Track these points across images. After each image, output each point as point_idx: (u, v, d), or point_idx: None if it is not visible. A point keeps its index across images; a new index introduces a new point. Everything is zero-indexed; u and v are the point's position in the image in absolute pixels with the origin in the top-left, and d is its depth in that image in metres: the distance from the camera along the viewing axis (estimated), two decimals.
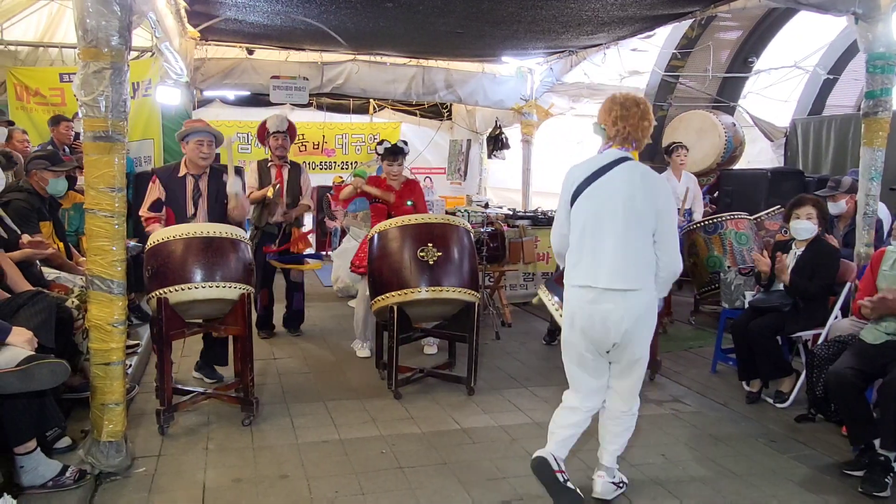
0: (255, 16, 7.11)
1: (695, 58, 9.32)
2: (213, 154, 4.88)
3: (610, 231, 3.17)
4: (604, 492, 3.44)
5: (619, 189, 3.18)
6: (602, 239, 3.18)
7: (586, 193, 3.23)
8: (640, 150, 3.34)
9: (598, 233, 3.19)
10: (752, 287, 5.45)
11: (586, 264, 3.22)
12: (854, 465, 3.80)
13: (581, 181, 3.25)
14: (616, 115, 3.26)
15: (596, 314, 3.20)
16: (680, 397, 5.03)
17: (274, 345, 6.16)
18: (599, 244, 3.19)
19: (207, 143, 4.80)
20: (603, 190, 3.20)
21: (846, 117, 8.90)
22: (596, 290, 3.19)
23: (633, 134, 3.26)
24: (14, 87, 8.14)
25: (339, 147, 12.35)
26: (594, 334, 3.24)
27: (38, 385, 3.03)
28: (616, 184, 3.19)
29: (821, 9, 5.15)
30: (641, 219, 3.17)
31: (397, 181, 5.70)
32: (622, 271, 3.16)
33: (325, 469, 3.74)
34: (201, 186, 4.87)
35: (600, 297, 3.18)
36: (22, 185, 4.97)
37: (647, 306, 3.22)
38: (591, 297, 3.20)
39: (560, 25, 7.24)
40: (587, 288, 3.22)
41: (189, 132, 4.81)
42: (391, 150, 5.63)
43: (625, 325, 3.17)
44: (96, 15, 3.25)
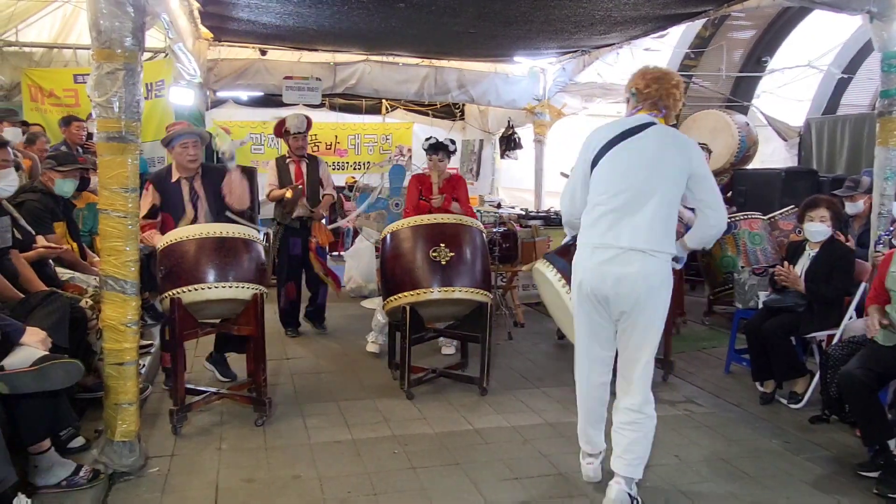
0: (268, 16, 7.13)
1: (708, 57, 9.29)
2: (200, 154, 4.84)
3: (636, 192, 3.15)
4: (617, 498, 3.26)
5: (649, 151, 3.16)
6: (628, 200, 3.15)
7: (611, 155, 3.21)
8: (668, 120, 3.31)
9: (624, 194, 3.16)
10: (765, 287, 5.41)
11: (607, 223, 3.18)
12: (869, 466, 3.76)
13: (605, 142, 3.23)
14: (650, 78, 3.29)
15: (609, 275, 3.16)
16: (693, 398, 5.01)
17: (286, 345, 6.18)
18: (625, 205, 3.16)
19: (193, 144, 4.75)
20: (631, 152, 3.18)
21: (860, 117, 8.83)
22: (616, 249, 3.15)
23: (663, 99, 3.26)
24: (29, 88, 8.21)
25: (352, 147, 12.37)
26: (604, 295, 3.21)
27: (52, 385, 3.05)
28: (646, 146, 3.17)
29: (835, 7, 5.11)
30: (670, 183, 3.16)
31: (438, 175, 5.89)
32: (647, 233, 3.13)
33: (337, 469, 3.75)
34: (196, 187, 4.82)
35: (619, 257, 3.14)
36: (36, 185, 5.01)
37: (664, 273, 3.19)
38: (609, 257, 3.16)
39: (573, 25, 7.21)
40: (605, 247, 3.18)
41: (172, 137, 4.76)
42: (433, 146, 5.87)
43: (639, 288, 3.14)
44: (110, 16, 3.27)
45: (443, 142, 5.92)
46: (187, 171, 4.81)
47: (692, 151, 3.22)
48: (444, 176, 5.93)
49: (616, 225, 3.17)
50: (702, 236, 3.34)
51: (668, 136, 3.21)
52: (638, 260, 3.13)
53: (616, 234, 3.16)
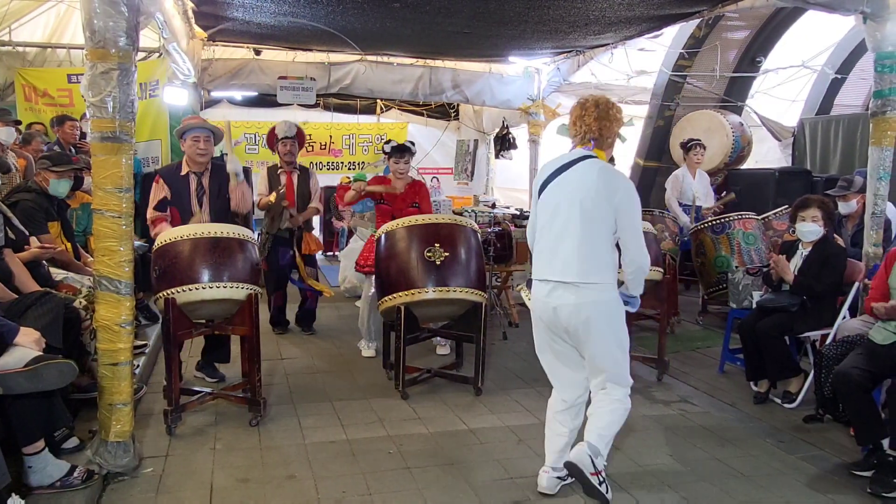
0: (263, 16, 7.12)
1: (702, 57, 9.29)
2: (211, 150, 4.90)
3: (566, 226, 3.26)
4: (575, 457, 3.35)
5: (576, 185, 3.27)
6: (559, 233, 3.29)
7: (549, 189, 3.36)
8: (603, 148, 3.39)
9: (556, 227, 3.30)
10: (759, 287, 5.43)
11: (545, 258, 3.35)
12: (863, 465, 3.77)
13: (546, 176, 3.38)
14: (575, 116, 3.42)
15: (549, 308, 3.31)
16: (687, 397, 5.02)
17: (281, 345, 6.17)
18: (556, 239, 3.30)
19: (204, 139, 4.82)
20: (562, 186, 3.31)
21: (854, 117, 8.85)
22: (551, 283, 3.30)
23: (589, 132, 3.34)
24: (22, 87, 8.18)
25: (347, 147, 12.37)
26: (552, 326, 3.36)
27: (46, 385, 3.04)
28: (574, 180, 3.29)
29: (829, 8, 5.13)
30: (597, 215, 3.24)
31: (402, 181, 5.69)
32: (575, 265, 3.23)
33: (332, 469, 3.74)
34: (204, 183, 4.89)
35: (554, 290, 3.28)
36: (30, 185, 4.99)
37: (600, 303, 3.25)
38: (547, 291, 3.31)
39: (567, 25, 7.22)
40: (544, 281, 3.34)
41: (185, 129, 4.84)
42: (397, 148, 5.66)
43: (575, 320, 3.26)
44: (104, 16, 3.26)
45: (405, 144, 5.77)
46: (196, 166, 4.87)
47: (618, 186, 3.27)
48: (407, 181, 5.73)
49: (550, 258, 3.32)
50: (627, 279, 3.37)
51: (595, 169, 3.28)
52: (570, 292, 3.25)
53: (550, 268, 3.32)
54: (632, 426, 4.41)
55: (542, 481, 3.51)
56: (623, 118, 3.46)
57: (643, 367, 5.57)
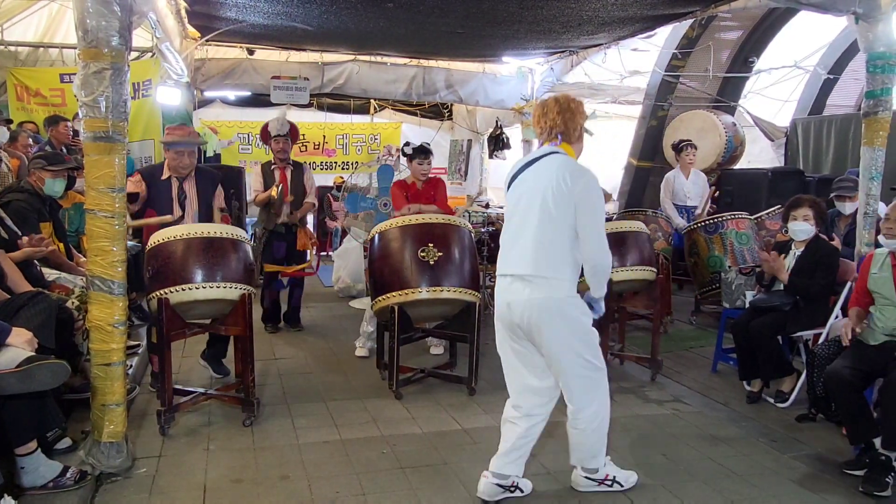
0: (256, 16, 7.11)
1: (695, 58, 9.31)
2: (193, 162, 4.91)
3: (525, 221, 3.25)
4: (576, 482, 3.51)
5: (538, 179, 3.26)
6: (519, 228, 3.28)
7: (514, 184, 3.36)
8: (572, 142, 3.36)
9: (515, 221, 3.30)
10: (752, 287, 5.45)
11: (504, 252, 3.34)
12: (855, 464, 3.79)
13: (515, 171, 3.38)
14: (538, 115, 3.42)
15: (504, 302, 3.28)
16: (681, 397, 5.03)
17: (275, 345, 6.16)
18: (515, 232, 3.29)
19: (189, 154, 4.82)
20: (525, 181, 3.31)
21: (846, 117, 8.89)
22: (507, 277, 3.28)
23: (554, 127, 3.34)
24: (14, 87, 8.16)
25: (340, 147, 12.37)
26: (508, 323, 3.31)
27: (39, 386, 3.03)
28: (536, 175, 3.28)
29: (821, 8, 5.14)
30: (556, 210, 3.16)
31: (423, 180, 5.90)
32: (530, 259, 3.18)
33: (326, 469, 3.74)
34: (186, 188, 4.88)
35: (511, 284, 3.26)
36: (23, 185, 4.97)
37: (556, 299, 3.17)
38: (505, 285, 3.30)
39: (561, 25, 7.23)
40: (503, 276, 3.33)
41: (170, 143, 4.83)
42: (421, 149, 5.85)
43: (529, 314, 3.18)
44: (96, 15, 3.25)
45: (424, 145, 5.95)
46: (178, 174, 4.88)
47: (579, 179, 3.18)
48: (426, 179, 5.93)
49: (508, 252, 3.31)
50: (588, 279, 3.29)
51: (556, 164, 3.23)
52: (525, 287, 3.20)
53: (507, 261, 3.30)
54: (625, 426, 4.43)
55: (481, 486, 3.40)
56: (586, 111, 3.46)
57: (636, 367, 5.59)
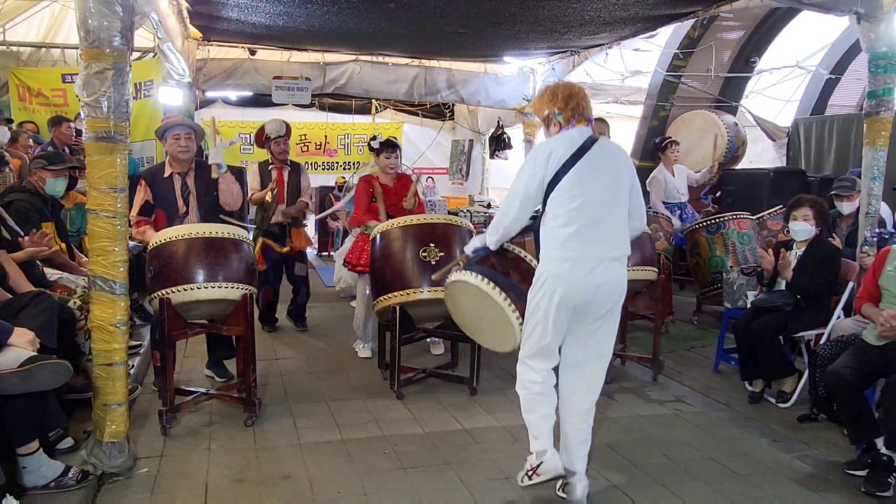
0: (258, 16, 7.11)
1: (697, 58, 9.31)
2: (193, 147, 4.83)
3: (606, 203, 3.29)
4: (584, 494, 3.33)
5: (607, 163, 3.31)
6: (601, 210, 3.26)
7: (577, 169, 3.25)
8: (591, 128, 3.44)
9: (596, 205, 3.25)
10: (754, 287, 5.44)
11: (586, 236, 3.23)
12: (857, 464, 3.79)
13: (567, 158, 3.27)
14: (566, 95, 3.37)
15: (591, 285, 3.22)
16: (682, 397, 5.03)
17: (276, 345, 6.17)
18: (599, 216, 3.26)
19: (185, 136, 4.75)
20: (592, 165, 3.27)
21: (848, 117, 8.88)
22: (595, 259, 3.23)
23: (586, 109, 3.37)
24: (16, 87, 8.17)
25: (342, 147, 12.36)
26: (585, 304, 3.25)
27: (41, 386, 3.03)
28: (603, 159, 3.30)
29: (823, 8, 5.14)
30: (624, 191, 3.35)
31: (391, 175, 5.76)
32: (623, 241, 3.34)
33: (327, 469, 3.74)
34: (189, 183, 4.83)
35: (600, 266, 3.23)
36: (24, 185, 4.98)
37: (626, 275, 3.40)
38: (590, 267, 3.22)
39: (562, 25, 7.23)
40: (585, 258, 3.22)
41: (164, 128, 4.79)
42: (386, 144, 5.75)
43: (616, 295, 3.30)
44: (98, 16, 3.26)
45: (391, 139, 5.90)
46: (180, 165, 4.81)
47: (630, 163, 3.48)
48: (393, 175, 5.79)
49: (595, 235, 3.26)
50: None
51: (614, 147, 3.43)
52: (615, 268, 3.30)
53: (594, 245, 3.26)
54: (627, 426, 4.43)
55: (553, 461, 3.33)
56: None
57: (638, 367, 5.59)
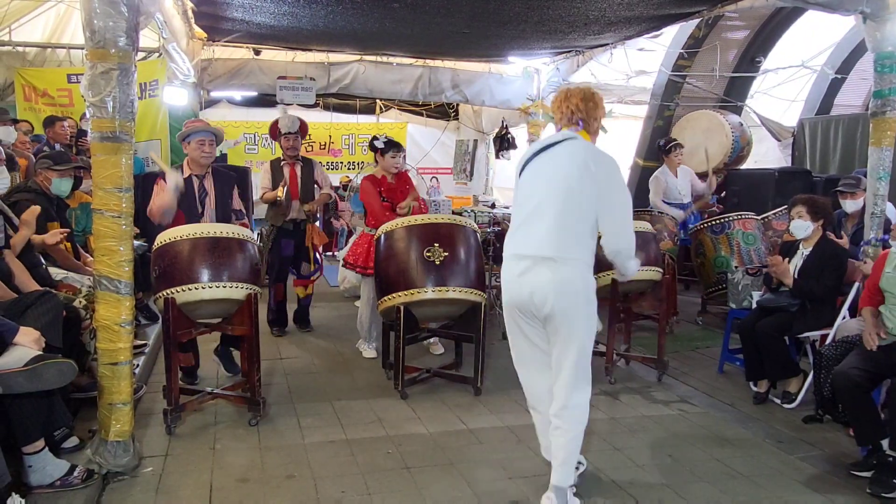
0: (262, 17, 7.12)
1: (702, 57, 9.29)
2: (214, 153, 4.99)
3: (546, 202, 3.20)
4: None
5: (560, 161, 3.24)
6: (538, 209, 3.22)
7: (531, 166, 3.32)
8: (590, 133, 3.38)
9: (535, 203, 3.24)
10: (759, 287, 5.43)
11: (521, 234, 3.26)
12: (862, 465, 3.77)
13: (529, 155, 3.33)
14: (559, 100, 3.40)
15: (525, 285, 3.19)
16: (687, 398, 5.02)
17: (280, 345, 6.17)
18: (535, 214, 3.22)
19: (209, 143, 4.90)
20: (545, 162, 3.28)
21: (854, 117, 8.86)
22: (526, 259, 3.19)
23: (576, 113, 3.33)
24: (22, 87, 8.19)
25: (346, 147, 12.39)
26: (524, 305, 3.22)
27: (46, 385, 3.04)
28: (556, 159, 3.26)
29: (828, 8, 5.13)
30: (579, 193, 3.17)
31: (394, 174, 5.80)
32: (553, 240, 3.14)
33: (331, 469, 3.74)
34: (206, 186, 4.94)
35: (532, 266, 3.17)
36: (30, 185, 4.99)
37: (576, 280, 3.17)
38: (522, 268, 3.20)
39: (567, 25, 7.23)
40: (518, 257, 3.24)
41: (190, 132, 4.89)
42: (393, 143, 5.80)
43: (553, 298, 3.13)
44: (104, 16, 3.27)
45: (393, 139, 5.95)
46: (199, 168, 4.93)
47: (605, 166, 3.22)
48: (396, 172, 5.83)
49: (527, 233, 3.23)
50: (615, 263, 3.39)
51: (583, 148, 3.25)
52: (548, 268, 3.15)
53: (525, 243, 3.22)
54: (631, 426, 4.43)
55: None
56: (605, 107, 3.47)
57: (642, 368, 5.58)
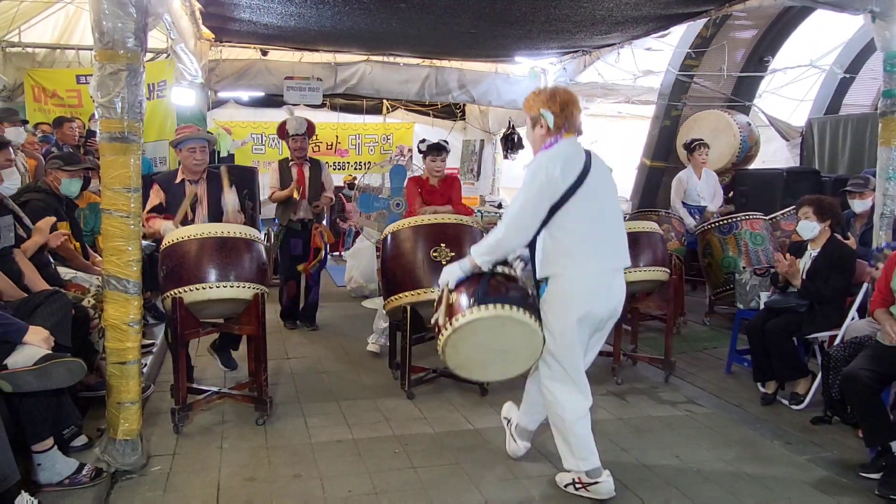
0: (269, 17, 7.14)
1: (709, 57, 9.27)
2: (206, 159, 4.93)
3: (612, 215, 3.44)
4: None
5: (606, 177, 3.43)
6: (610, 223, 3.43)
7: (587, 185, 3.30)
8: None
9: (605, 219, 3.39)
10: (767, 288, 5.41)
11: (605, 250, 3.38)
12: (871, 467, 3.76)
13: (579, 173, 3.30)
14: (564, 100, 3.34)
15: (614, 297, 3.41)
16: (694, 398, 5.00)
17: (287, 344, 6.19)
18: (610, 229, 3.42)
19: (200, 149, 4.85)
20: (597, 180, 3.35)
21: (863, 116, 8.83)
22: (614, 270, 3.42)
23: (578, 120, 3.39)
24: (32, 88, 8.24)
25: (353, 147, 12.40)
26: (605, 313, 3.40)
27: (55, 383, 3.06)
28: (603, 173, 3.41)
29: (837, 7, 5.12)
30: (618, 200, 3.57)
31: (439, 177, 5.90)
32: (627, 250, 3.49)
33: (338, 468, 3.75)
34: (199, 192, 4.91)
35: (617, 276, 3.43)
36: (40, 185, 5.02)
37: None
38: (609, 280, 3.39)
39: (573, 25, 7.22)
40: (606, 272, 3.38)
41: (181, 140, 4.86)
42: (435, 147, 5.86)
43: (623, 301, 3.49)
44: (112, 17, 3.29)
45: (440, 142, 5.97)
46: (192, 174, 4.90)
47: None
48: (441, 176, 5.93)
49: (610, 248, 3.42)
50: None
51: (603, 162, 3.48)
52: (621, 278, 3.48)
53: (614, 257, 3.43)
54: (638, 427, 4.42)
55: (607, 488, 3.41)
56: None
57: (650, 368, 5.57)
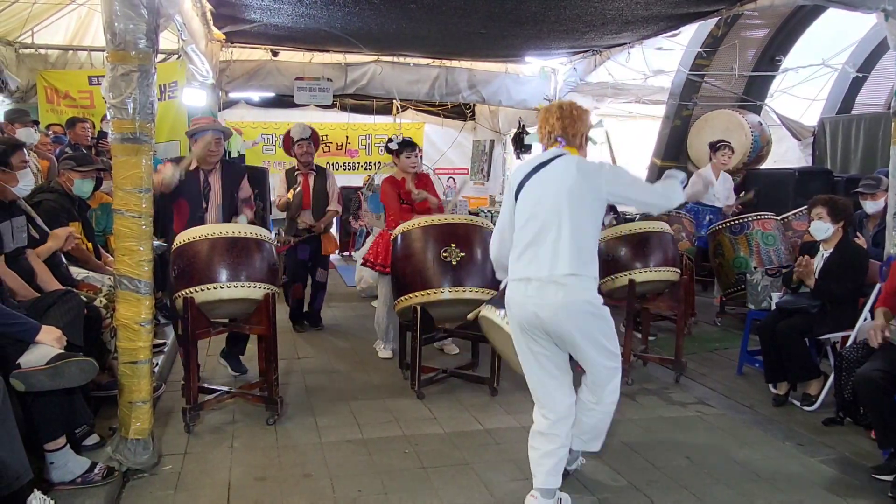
0: (280, 18, 7.16)
1: (720, 56, 9.23)
2: (220, 150, 5.01)
3: (551, 223, 3.15)
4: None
5: (558, 179, 3.19)
6: (543, 230, 3.17)
7: (528, 187, 3.27)
8: (574, 146, 3.37)
9: (540, 223, 3.19)
10: (778, 288, 5.38)
11: (529, 256, 3.20)
12: (884, 469, 3.73)
13: (523, 177, 3.29)
14: (540, 121, 3.42)
15: (532, 305, 3.14)
16: (705, 399, 4.98)
17: (298, 344, 6.20)
18: (542, 235, 3.17)
19: (215, 141, 4.92)
20: (543, 182, 3.24)
21: (875, 116, 8.77)
22: (537, 280, 3.15)
23: (553, 131, 3.34)
24: (44, 89, 8.29)
25: (363, 148, 12.41)
26: (535, 326, 3.18)
27: (68, 383, 3.07)
28: (555, 174, 3.22)
29: (850, 6, 5.09)
30: (583, 206, 3.17)
31: (413, 173, 5.84)
32: (567, 260, 3.11)
33: (348, 468, 3.76)
34: (211, 181, 4.97)
35: (541, 287, 3.13)
36: (52, 185, 5.05)
37: (588, 300, 3.15)
38: (533, 290, 3.15)
39: (584, 25, 7.21)
40: (526, 280, 3.18)
41: (196, 130, 4.93)
42: (408, 143, 5.85)
43: (562, 319, 3.11)
44: (124, 18, 3.30)
45: (409, 139, 5.99)
46: (206, 164, 4.96)
47: (598, 172, 3.23)
48: (415, 172, 5.86)
49: (536, 255, 3.18)
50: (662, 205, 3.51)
51: (575, 163, 3.23)
52: (558, 290, 3.11)
53: (536, 265, 3.17)
54: (648, 427, 4.41)
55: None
56: (590, 120, 3.43)
57: (660, 369, 5.55)
